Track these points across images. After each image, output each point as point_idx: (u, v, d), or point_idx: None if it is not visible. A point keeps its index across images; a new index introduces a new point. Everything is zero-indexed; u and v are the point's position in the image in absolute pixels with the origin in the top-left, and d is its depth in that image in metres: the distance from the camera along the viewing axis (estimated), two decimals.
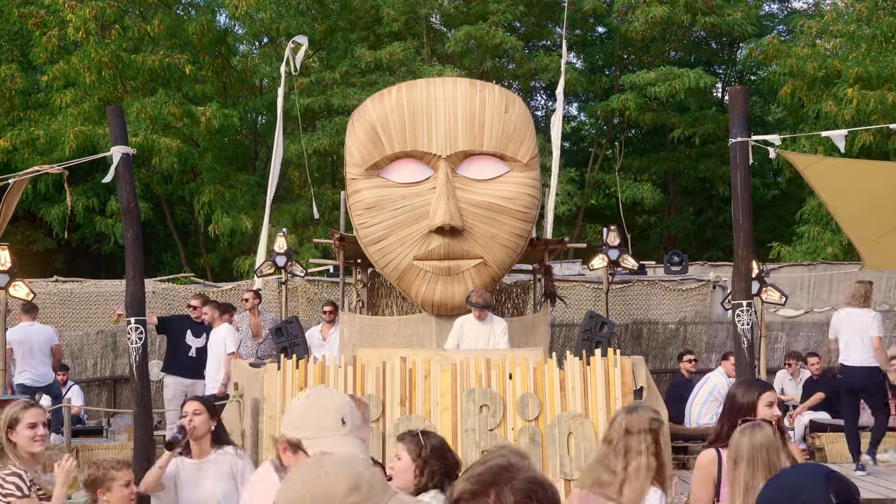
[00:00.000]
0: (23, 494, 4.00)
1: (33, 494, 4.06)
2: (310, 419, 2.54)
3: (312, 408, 2.57)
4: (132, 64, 17.67)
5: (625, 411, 3.91)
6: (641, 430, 3.74)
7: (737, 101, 6.52)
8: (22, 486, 4.02)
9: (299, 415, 2.58)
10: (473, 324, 8.27)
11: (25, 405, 4.26)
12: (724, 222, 21.92)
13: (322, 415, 2.54)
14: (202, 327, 10.09)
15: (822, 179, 6.88)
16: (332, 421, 2.52)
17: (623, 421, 3.80)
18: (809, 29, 19.42)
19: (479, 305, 8.19)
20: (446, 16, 22.87)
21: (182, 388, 9.87)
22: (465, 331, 8.28)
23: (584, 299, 13.40)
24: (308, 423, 2.53)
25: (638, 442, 3.73)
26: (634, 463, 3.69)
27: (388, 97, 8.75)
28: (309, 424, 2.52)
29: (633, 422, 3.77)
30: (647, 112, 21.35)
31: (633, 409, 3.89)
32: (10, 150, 17.34)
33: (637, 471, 3.68)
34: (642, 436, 3.73)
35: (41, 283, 12.88)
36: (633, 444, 3.73)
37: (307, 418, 2.54)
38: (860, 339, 8.74)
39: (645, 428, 3.74)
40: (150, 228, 21.07)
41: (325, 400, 2.61)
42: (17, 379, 9.83)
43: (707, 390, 10.12)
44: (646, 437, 3.73)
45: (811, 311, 13.96)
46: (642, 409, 3.90)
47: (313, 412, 2.55)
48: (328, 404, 2.58)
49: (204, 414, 4.73)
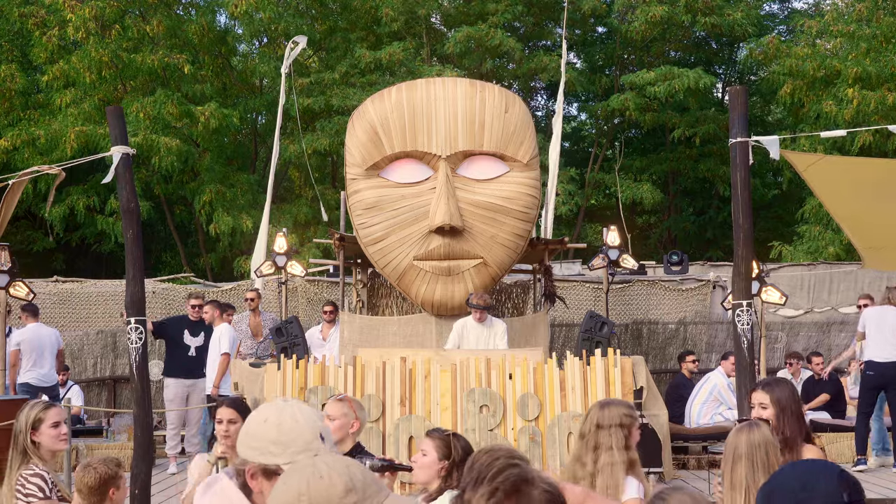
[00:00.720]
0: (44, 496, 4.01)
1: (54, 496, 4.07)
2: (284, 441, 2.24)
3: (284, 428, 2.26)
4: (132, 64, 17.67)
5: (597, 406, 3.99)
6: (612, 425, 3.82)
7: (737, 101, 6.52)
8: (44, 487, 4.03)
9: (269, 440, 2.25)
10: (474, 326, 8.28)
11: (46, 405, 4.28)
12: (724, 222, 21.92)
13: (298, 435, 2.25)
14: (200, 326, 10.08)
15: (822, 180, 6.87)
16: (311, 440, 2.25)
17: (595, 416, 3.89)
18: (809, 29, 19.42)
19: (479, 307, 8.20)
20: (446, 16, 22.87)
21: (183, 388, 9.87)
22: (465, 333, 8.29)
23: (584, 299, 13.40)
24: (282, 444, 2.23)
25: (608, 436, 3.81)
26: (605, 457, 3.77)
27: (389, 97, 8.75)
28: (285, 448, 2.23)
29: (603, 417, 3.86)
30: (648, 112, 21.34)
31: (605, 405, 3.96)
32: (11, 150, 17.33)
33: (607, 465, 3.75)
34: (612, 430, 3.81)
35: (41, 283, 12.89)
36: (602, 440, 3.81)
37: (281, 441, 2.24)
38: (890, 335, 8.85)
39: (615, 423, 3.82)
40: (150, 228, 21.07)
41: (294, 417, 2.29)
42: (23, 378, 9.81)
43: (707, 390, 10.12)
44: (616, 432, 3.81)
45: (811, 311, 13.96)
46: (614, 404, 3.97)
47: (287, 433, 2.25)
48: (300, 422, 2.28)
49: (239, 422, 4.55)
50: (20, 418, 4.19)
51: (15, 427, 4.20)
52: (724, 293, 11.82)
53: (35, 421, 4.16)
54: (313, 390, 7.10)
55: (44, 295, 12.57)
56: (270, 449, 2.24)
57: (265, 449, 2.25)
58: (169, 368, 10.00)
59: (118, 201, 7.06)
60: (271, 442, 2.25)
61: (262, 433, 2.27)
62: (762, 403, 4.03)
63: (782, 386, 4.10)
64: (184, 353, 9.91)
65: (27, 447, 4.13)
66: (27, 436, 4.13)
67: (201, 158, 18.65)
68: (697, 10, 20.55)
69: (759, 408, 4.03)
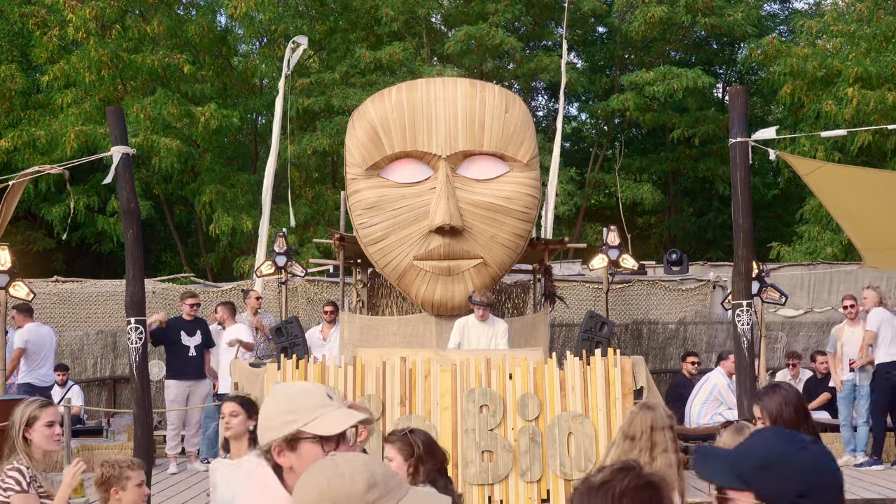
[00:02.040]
0: (21, 489, 4.00)
1: (32, 490, 4.05)
2: (297, 407, 2.30)
3: (293, 398, 2.33)
4: (132, 64, 17.68)
5: (645, 408, 3.97)
6: (665, 427, 3.83)
7: (737, 101, 6.52)
8: (21, 480, 4.02)
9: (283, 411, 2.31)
10: (476, 325, 8.29)
11: (43, 403, 4.27)
12: (724, 223, 21.92)
13: (308, 397, 2.32)
14: (196, 324, 10.04)
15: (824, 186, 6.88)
16: (321, 398, 2.33)
17: (647, 418, 3.87)
18: (810, 29, 19.42)
19: (482, 304, 8.20)
20: (446, 16, 22.86)
21: (184, 388, 9.84)
22: (467, 332, 8.29)
23: (584, 299, 13.41)
24: (297, 411, 2.29)
25: (663, 437, 3.81)
26: (662, 458, 3.77)
27: (389, 97, 8.75)
28: (299, 412, 2.29)
29: (656, 418, 3.86)
30: (647, 112, 21.35)
31: (653, 407, 3.96)
32: (11, 151, 17.34)
33: (665, 466, 3.76)
34: (665, 432, 3.82)
35: (41, 283, 12.88)
36: (658, 440, 3.81)
37: (294, 408, 2.30)
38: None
39: (667, 424, 3.84)
40: (150, 228, 21.07)
41: (299, 386, 2.43)
42: (24, 378, 9.78)
43: (707, 390, 10.11)
44: (667, 434, 3.82)
45: (811, 311, 13.96)
46: (660, 406, 3.98)
47: (297, 399, 2.32)
48: (306, 387, 2.40)
49: (241, 415, 4.61)
50: (15, 413, 4.17)
51: (9, 422, 4.19)
52: (724, 293, 11.82)
53: (30, 418, 4.15)
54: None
55: (44, 295, 12.57)
56: (286, 418, 2.29)
57: (282, 420, 2.29)
58: (170, 370, 9.97)
59: (118, 201, 7.06)
60: (286, 412, 2.30)
61: (275, 410, 2.33)
62: (758, 416, 4.04)
63: (771, 395, 4.04)
64: (184, 353, 9.88)
65: (17, 443, 4.12)
66: (19, 432, 4.13)
67: (201, 159, 18.65)
68: (697, 10, 20.55)
69: (759, 421, 4.04)
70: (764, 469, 1.69)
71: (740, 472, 1.71)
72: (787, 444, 1.73)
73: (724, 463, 1.75)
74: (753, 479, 1.69)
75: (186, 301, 10.17)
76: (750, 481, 1.69)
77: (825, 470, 1.71)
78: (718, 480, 1.74)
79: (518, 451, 6.98)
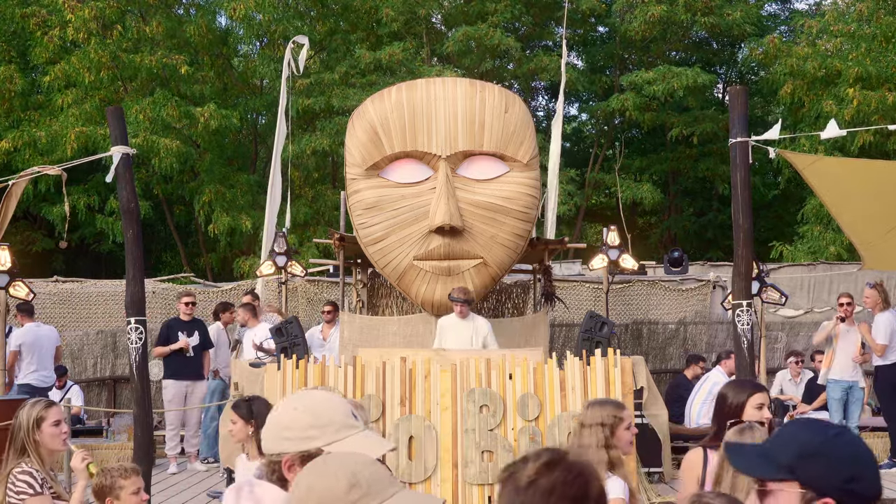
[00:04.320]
0: (35, 492, 3.99)
1: (46, 492, 4.05)
2: (321, 424, 2.19)
3: (319, 411, 2.22)
4: (131, 64, 17.68)
5: (585, 406, 4.05)
6: (594, 424, 3.87)
7: (737, 101, 6.52)
8: (34, 483, 4.01)
9: (305, 425, 2.20)
10: (454, 323, 8.22)
11: (48, 403, 4.26)
12: (724, 223, 21.92)
13: (334, 416, 2.21)
14: (193, 324, 10.03)
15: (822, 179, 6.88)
16: (347, 418, 2.22)
17: (580, 416, 3.97)
18: (810, 28, 19.42)
19: (459, 300, 8.13)
20: (446, 16, 22.86)
21: (182, 388, 9.84)
22: (443, 332, 8.24)
23: (584, 299, 13.40)
24: (321, 427, 2.19)
25: (590, 435, 3.85)
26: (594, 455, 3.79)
27: (388, 97, 8.74)
28: (324, 428, 2.18)
29: (586, 416, 3.92)
30: (647, 112, 21.35)
31: (591, 405, 4.01)
32: (12, 152, 17.33)
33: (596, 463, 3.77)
34: (594, 429, 3.85)
35: (41, 283, 12.88)
36: (585, 439, 3.86)
37: (318, 424, 2.19)
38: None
39: (597, 422, 3.87)
40: (150, 228, 21.07)
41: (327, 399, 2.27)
42: (24, 379, 9.77)
43: (706, 390, 10.10)
44: (597, 431, 3.85)
45: (811, 311, 13.95)
46: (599, 404, 4.00)
47: (322, 416, 2.20)
48: (334, 403, 2.26)
49: (239, 422, 4.58)
50: (21, 416, 4.15)
51: (14, 425, 4.16)
52: (724, 293, 11.82)
53: (38, 419, 4.14)
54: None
55: (44, 295, 12.56)
56: (309, 433, 2.19)
57: (303, 435, 2.19)
58: (168, 370, 9.96)
59: (118, 201, 7.05)
60: (309, 426, 2.19)
61: (297, 421, 2.21)
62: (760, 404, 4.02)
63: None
64: (182, 353, 9.87)
65: (27, 445, 4.10)
66: (29, 434, 4.10)
67: (201, 159, 18.65)
68: (697, 9, 20.54)
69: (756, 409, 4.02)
70: (807, 457, 1.70)
71: (782, 462, 1.72)
72: (823, 431, 1.75)
73: (763, 455, 1.77)
74: (798, 467, 1.70)
75: (183, 301, 10.14)
76: (795, 470, 1.70)
77: (865, 454, 1.73)
78: (761, 473, 1.75)
79: (518, 452, 6.97)
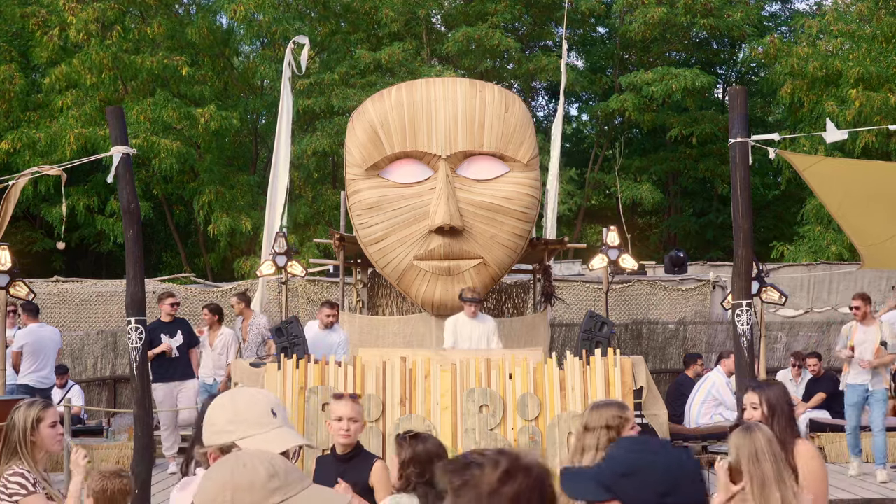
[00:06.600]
0: (28, 492, 3.99)
1: (39, 490, 4.04)
2: (239, 419, 2.34)
3: (239, 407, 2.37)
4: (131, 65, 17.68)
5: (588, 408, 3.99)
6: (599, 427, 3.82)
7: (737, 102, 6.52)
8: (26, 483, 4.00)
9: (224, 419, 2.36)
10: (467, 321, 8.26)
11: (45, 404, 4.23)
12: (724, 222, 21.92)
13: (250, 411, 2.36)
14: (175, 325, 9.89)
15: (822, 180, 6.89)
16: (263, 415, 2.36)
17: (584, 418, 3.91)
18: (810, 28, 19.41)
19: (473, 300, 8.17)
20: (446, 16, 22.86)
21: (170, 389, 9.75)
22: (459, 329, 8.27)
23: (584, 299, 13.41)
24: (237, 422, 2.34)
25: (593, 438, 3.81)
26: (587, 459, 3.76)
27: (388, 97, 8.75)
28: (239, 424, 2.34)
29: (591, 419, 3.87)
30: (647, 112, 21.35)
31: (595, 407, 3.96)
32: (12, 153, 17.33)
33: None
34: (599, 432, 3.81)
35: (41, 283, 12.89)
36: (588, 442, 3.82)
37: (236, 419, 2.34)
38: None
39: (602, 425, 3.82)
40: (150, 229, 21.07)
41: (248, 396, 2.42)
42: (23, 379, 9.75)
43: (706, 390, 10.12)
44: (602, 434, 3.80)
45: (811, 311, 13.96)
46: (604, 406, 3.95)
47: (241, 411, 2.36)
48: (254, 399, 2.40)
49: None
50: (18, 416, 4.10)
51: (8, 424, 4.12)
52: (724, 293, 11.82)
53: (35, 420, 4.12)
54: (313, 390, 7.11)
55: (44, 295, 12.57)
56: (226, 428, 2.34)
57: (221, 429, 2.35)
58: (156, 374, 9.85)
59: (118, 201, 7.06)
60: (227, 422, 2.35)
61: (219, 416, 2.38)
62: (753, 404, 4.05)
63: (773, 387, 4.11)
64: (166, 356, 9.76)
65: (21, 446, 4.07)
66: (25, 434, 4.08)
67: (201, 160, 18.65)
68: (696, 11, 20.54)
69: (751, 408, 4.05)
70: (626, 476, 1.73)
71: (606, 483, 1.74)
72: (645, 449, 1.77)
73: (590, 478, 1.78)
74: (616, 486, 1.72)
75: (166, 301, 9.89)
76: (613, 489, 1.72)
77: (684, 468, 1.74)
78: (587, 496, 1.77)
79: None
